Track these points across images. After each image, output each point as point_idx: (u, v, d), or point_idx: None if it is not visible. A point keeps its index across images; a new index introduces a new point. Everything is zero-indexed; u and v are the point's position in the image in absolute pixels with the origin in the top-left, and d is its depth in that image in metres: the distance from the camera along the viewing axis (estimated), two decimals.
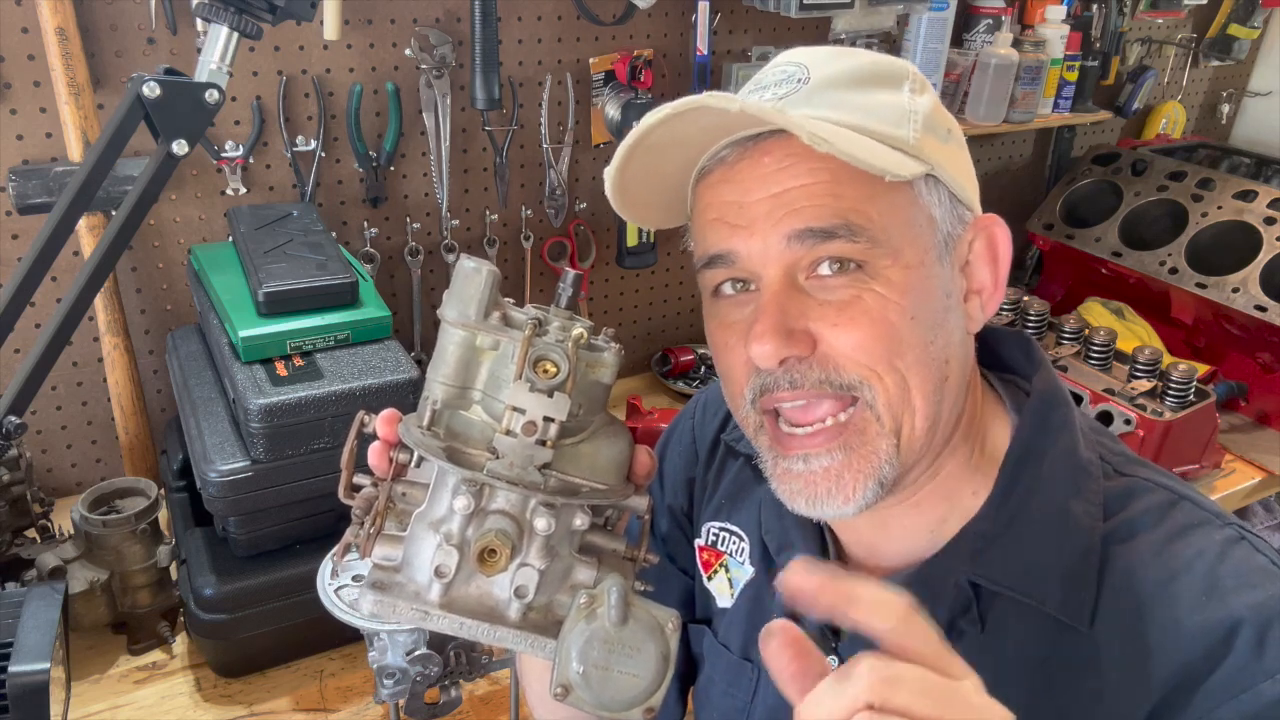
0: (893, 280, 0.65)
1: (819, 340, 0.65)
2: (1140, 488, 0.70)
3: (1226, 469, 1.68)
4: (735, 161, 0.67)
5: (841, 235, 0.64)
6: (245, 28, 1.08)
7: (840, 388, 0.65)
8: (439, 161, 1.58)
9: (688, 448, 0.96)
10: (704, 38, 1.70)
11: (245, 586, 1.12)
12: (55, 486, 1.47)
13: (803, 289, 0.65)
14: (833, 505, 0.67)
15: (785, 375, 0.65)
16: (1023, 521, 0.69)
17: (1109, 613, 0.65)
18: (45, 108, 1.31)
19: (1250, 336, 1.78)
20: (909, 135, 0.66)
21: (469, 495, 0.54)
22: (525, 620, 0.57)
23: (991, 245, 0.71)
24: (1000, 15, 1.95)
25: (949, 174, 0.68)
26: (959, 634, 0.69)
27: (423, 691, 0.98)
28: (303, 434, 1.11)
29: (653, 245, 1.77)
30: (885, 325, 0.64)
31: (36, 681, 0.92)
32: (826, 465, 0.66)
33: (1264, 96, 2.64)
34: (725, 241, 0.67)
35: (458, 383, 0.58)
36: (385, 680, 0.94)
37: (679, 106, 0.63)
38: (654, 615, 0.55)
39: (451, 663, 1.00)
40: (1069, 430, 0.72)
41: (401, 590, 0.56)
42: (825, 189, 0.64)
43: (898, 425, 0.66)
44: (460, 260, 0.58)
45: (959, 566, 0.69)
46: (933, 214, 0.67)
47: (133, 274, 1.44)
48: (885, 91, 0.68)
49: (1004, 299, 0.77)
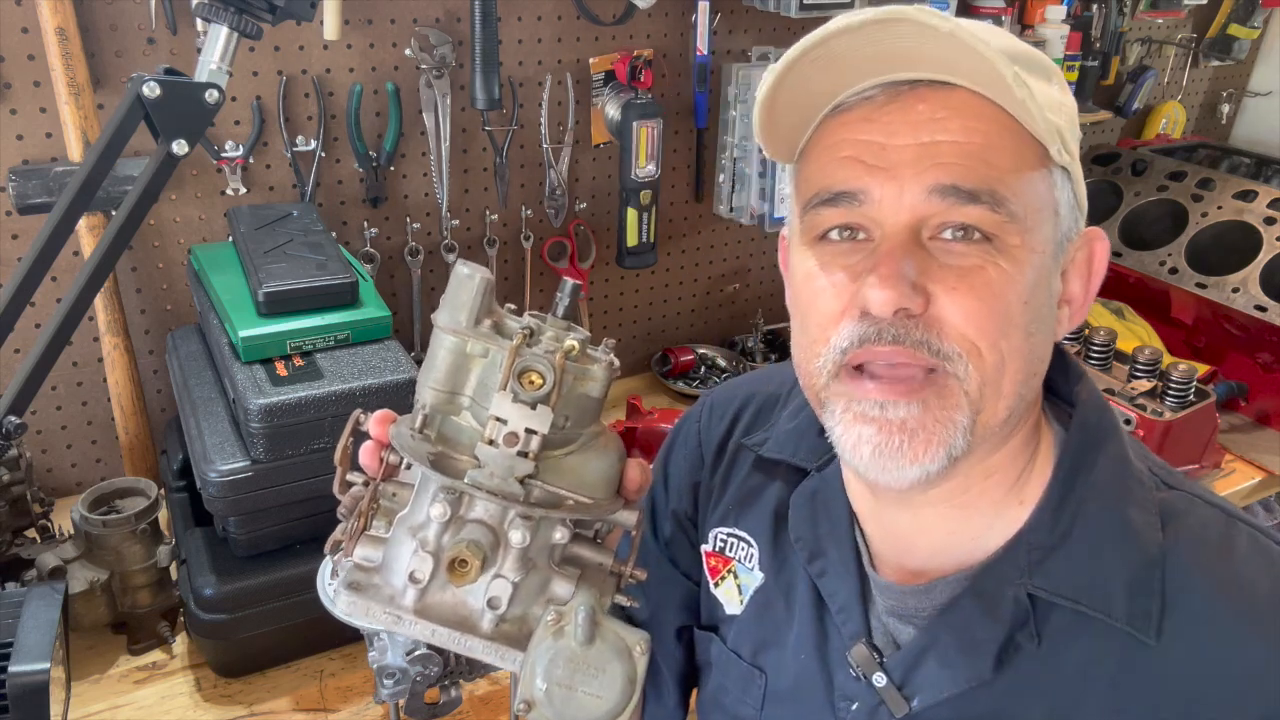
0: (1018, 259, 0.63)
1: (932, 301, 0.62)
2: (1192, 504, 0.68)
3: (1226, 469, 1.68)
4: (885, 103, 0.63)
5: (985, 201, 0.61)
6: (245, 28, 1.08)
7: (937, 354, 0.62)
8: (439, 161, 1.58)
9: (693, 451, 0.93)
10: (704, 38, 1.70)
11: (245, 586, 1.12)
12: (55, 486, 1.47)
13: (925, 247, 0.62)
14: (898, 464, 0.63)
15: (890, 329, 0.61)
16: (1081, 530, 0.67)
17: (1174, 629, 0.63)
18: (45, 108, 1.31)
19: (1250, 336, 1.78)
20: (1061, 123, 0.64)
21: (445, 503, 0.54)
22: (498, 631, 0.56)
23: (1090, 259, 0.70)
24: (1000, 15, 1.95)
25: (1078, 176, 0.67)
26: (1016, 649, 0.67)
27: (423, 691, 0.97)
28: (303, 434, 1.11)
29: (653, 245, 1.77)
30: (1002, 302, 0.62)
31: (36, 681, 0.92)
32: (904, 417, 0.62)
33: (1264, 96, 2.64)
34: (858, 180, 0.63)
35: (447, 388, 0.58)
36: (385, 680, 0.94)
37: (880, 14, 0.59)
38: (623, 637, 0.54)
39: (451, 663, 1.00)
40: (1118, 438, 0.70)
41: (377, 593, 0.56)
42: (978, 150, 0.61)
43: (981, 403, 0.63)
44: (456, 265, 0.58)
45: (1015, 577, 0.67)
46: (1060, 209, 0.66)
47: (133, 274, 1.44)
48: (1040, 78, 0.65)
49: None
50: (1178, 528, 0.67)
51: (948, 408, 0.62)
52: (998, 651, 0.67)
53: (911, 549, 0.74)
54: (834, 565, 0.76)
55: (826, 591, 0.76)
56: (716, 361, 1.94)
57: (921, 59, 0.62)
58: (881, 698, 0.70)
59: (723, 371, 1.92)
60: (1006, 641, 0.67)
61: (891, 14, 0.58)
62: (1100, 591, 0.65)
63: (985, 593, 0.68)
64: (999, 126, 0.62)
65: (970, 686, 0.67)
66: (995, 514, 0.70)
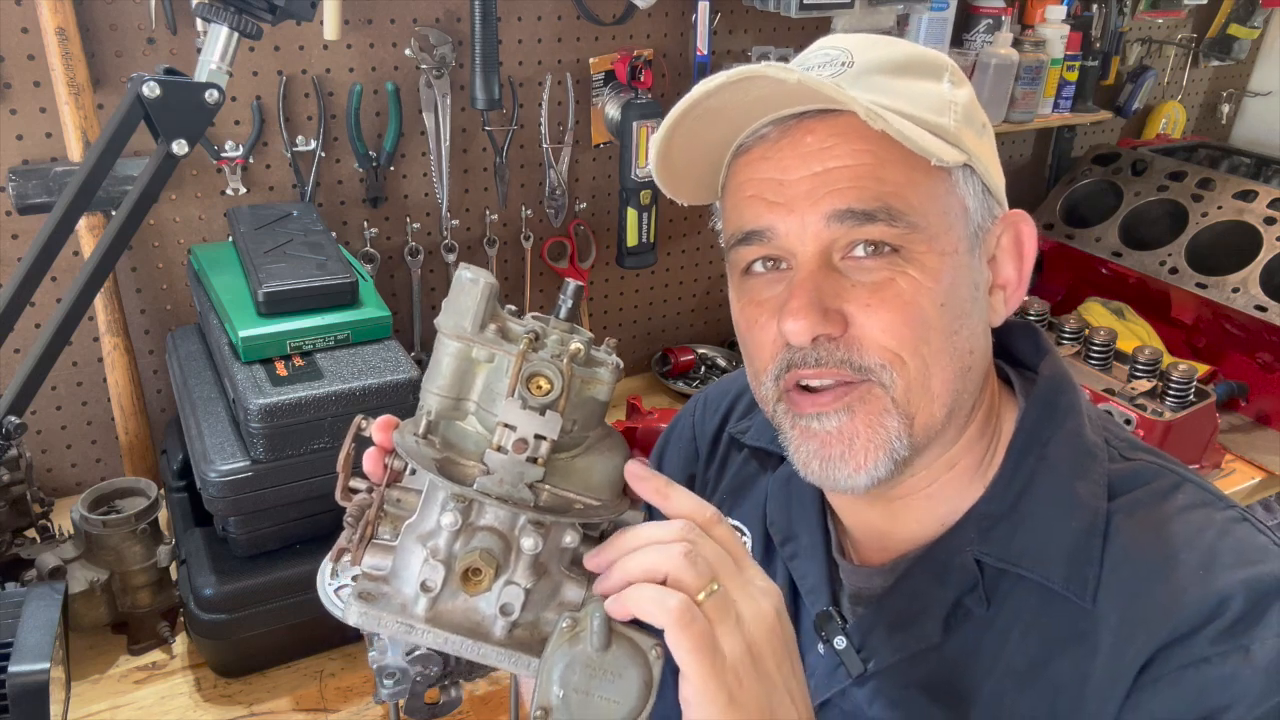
0: (927, 266, 0.65)
1: (850, 321, 0.65)
2: (1146, 471, 0.70)
3: (1226, 469, 1.68)
4: (777, 139, 0.67)
5: (881, 219, 0.64)
6: (245, 28, 1.08)
7: (859, 370, 0.65)
8: (439, 161, 1.58)
9: (687, 444, 0.96)
10: (704, 38, 1.70)
11: (245, 586, 1.12)
12: (55, 486, 1.47)
13: (837, 269, 0.66)
14: (844, 471, 0.67)
15: (812, 353, 0.66)
16: (1028, 501, 0.69)
17: (1110, 587, 0.65)
18: (45, 108, 1.31)
19: (1250, 336, 1.78)
20: (950, 124, 0.66)
21: (456, 512, 0.54)
22: (511, 637, 0.56)
23: (1018, 241, 0.72)
24: (1000, 15, 1.95)
25: (984, 166, 0.69)
26: (965, 613, 0.70)
27: (423, 691, 0.97)
28: (303, 434, 1.11)
29: (653, 245, 1.77)
30: (916, 309, 0.65)
31: (36, 681, 0.92)
32: (837, 426, 0.67)
33: (1264, 96, 2.64)
34: (762, 218, 0.67)
35: (453, 394, 0.58)
36: (385, 680, 0.94)
37: (735, 75, 0.63)
38: (637, 641, 0.54)
39: (451, 663, 1.00)
40: (1075, 414, 0.72)
41: (388, 602, 0.56)
42: (868, 171, 0.64)
43: (911, 408, 0.66)
44: (459, 270, 0.58)
45: (965, 546, 0.70)
46: (967, 204, 0.68)
47: (133, 274, 1.44)
48: (927, 80, 0.68)
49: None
50: (1127, 495, 0.69)
51: (875, 413, 0.66)
52: (945, 615, 0.70)
53: (886, 534, 0.77)
54: (804, 549, 0.80)
55: (797, 574, 0.80)
56: (716, 361, 1.94)
57: (797, 96, 0.65)
58: (841, 659, 0.74)
59: (723, 371, 1.92)
60: (954, 606, 0.70)
61: (744, 74, 0.62)
62: (1042, 557, 0.67)
63: (936, 561, 0.71)
64: (886, 143, 0.64)
65: (921, 648, 0.71)
66: (961, 499, 0.73)
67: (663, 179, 0.74)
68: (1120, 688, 0.62)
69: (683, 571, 0.52)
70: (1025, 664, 0.67)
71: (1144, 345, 1.59)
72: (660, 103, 1.69)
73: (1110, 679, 0.63)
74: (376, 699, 0.96)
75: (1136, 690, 0.62)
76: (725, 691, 0.51)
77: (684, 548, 0.53)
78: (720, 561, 0.54)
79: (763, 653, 0.53)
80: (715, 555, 0.54)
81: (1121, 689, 0.62)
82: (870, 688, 0.73)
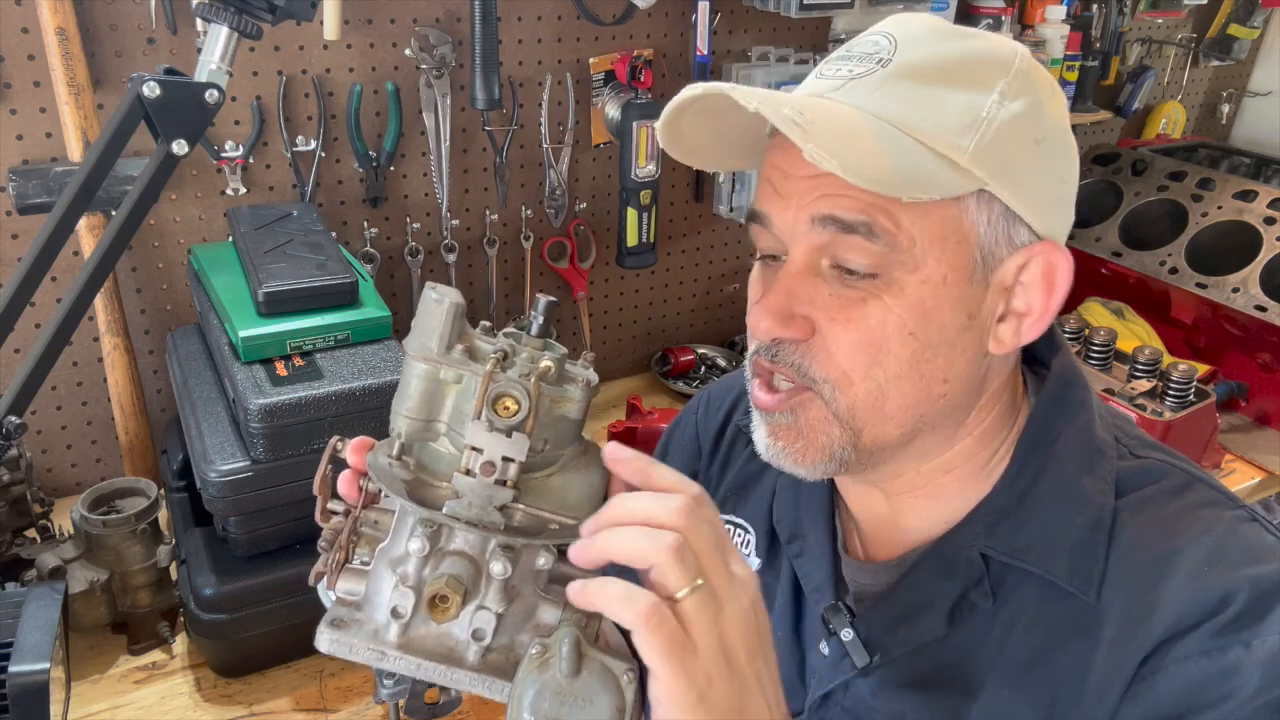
0: (905, 293, 0.64)
1: (817, 329, 0.66)
2: (1155, 469, 0.70)
3: (1226, 469, 1.68)
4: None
5: (860, 232, 0.63)
6: (245, 28, 1.08)
7: (806, 379, 0.67)
8: (439, 161, 1.58)
9: (690, 441, 0.96)
10: (704, 38, 1.70)
11: (245, 586, 1.12)
12: (55, 486, 1.47)
13: (823, 275, 0.66)
14: (788, 462, 0.69)
15: (770, 350, 0.68)
16: (1035, 496, 0.69)
17: (1114, 582, 0.65)
18: (45, 108, 1.31)
19: (1250, 336, 1.78)
20: (968, 145, 0.62)
21: (424, 537, 0.53)
22: (485, 662, 0.55)
23: (1049, 272, 0.67)
24: (1000, 15, 1.95)
25: (1014, 189, 0.64)
26: (970, 607, 0.70)
27: (423, 691, 0.97)
28: (303, 434, 1.11)
29: (653, 245, 1.77)
30: (878, 335, 0.65)
31: (36, 681, 0.92)
32: (782, 424, 0.69)
33: (1264, 96, 2.64)
34: (766, 203, 0.68)
35: (422, 416, 0.57)
36: (385, 680, 0.93)
37: (691, 95, 0.64)
38: (609, 666, 0.53)
39: None
40: (1086, 410, 0.72)
41: (360, 629, 0.55)
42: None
43: (858, 424, 0.67)
44: (424, 291, 0.57)
45: (972, 541, 0.70)
46: (974, 230, 0.64)
47: (133, 274, 1.44)
48: (969, 91, 0.64)
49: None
50: (1136, 493, 0.69)
51: (815, 421, 0.68)
52: (950, 608, 0.70)
53: (894, 528, 0.77)
54: (810, 547, 0.80)
55: (802, 573, 0.80)
56: (716, 361, 1.94)
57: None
58: (847, 650, 0.74)
59: (723, 371, 1.92)
60: (960, 599, 0.70)
61: (711, 90, 0.63)
62: (1047, 552, 0.67)
63: (943, 556, 0.71)
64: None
65: (925, 641, 0.71)
66: (965, 494, 0.73)
67: (682, 157, 0.74)
68: (1121, 681, 0.63)
69: (669, 568, 0.51)
70: (1027, 657, 0.67)
71: (1144, 345, 1.59)
72: (660, 103, 1.69)
73: (1111, 672, 0.63)
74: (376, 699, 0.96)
75: (1136, 682, 0.62)
76: (695, 691, 0.51)
77: (675, 541, 0.51)
78: (708, 553, 0.53)
79: (735, 648, 0.53)
80: (705, 546, 0.53)
81: (1122, 682, 0.63)
82: (874, 680, 0.73)
